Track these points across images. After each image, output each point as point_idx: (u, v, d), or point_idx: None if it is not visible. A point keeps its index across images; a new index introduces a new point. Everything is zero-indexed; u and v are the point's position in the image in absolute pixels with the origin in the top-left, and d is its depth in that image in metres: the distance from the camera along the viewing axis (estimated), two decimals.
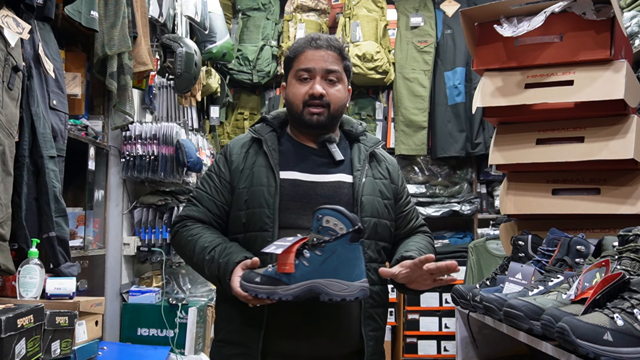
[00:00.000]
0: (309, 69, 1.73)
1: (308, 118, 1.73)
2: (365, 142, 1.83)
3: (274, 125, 1.82)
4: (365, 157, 1.78)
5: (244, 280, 1.51)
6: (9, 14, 2.00)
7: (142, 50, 3.17)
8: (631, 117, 2.07)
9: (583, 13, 2.07)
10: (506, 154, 2.23)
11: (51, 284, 2.23)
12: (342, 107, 1.78)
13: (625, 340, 1.25)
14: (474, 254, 4.01)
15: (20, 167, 2.17)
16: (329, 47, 1.75)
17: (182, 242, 1.74)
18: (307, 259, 1.44)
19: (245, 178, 1.72)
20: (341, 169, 1.76)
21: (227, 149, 1.83)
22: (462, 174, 4.92)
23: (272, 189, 1.68)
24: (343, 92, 1.77)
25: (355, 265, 1.46)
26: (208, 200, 1.76)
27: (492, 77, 2.22)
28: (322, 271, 1.44)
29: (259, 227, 1.66)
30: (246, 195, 1.70)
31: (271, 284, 1.46)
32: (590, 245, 1.79)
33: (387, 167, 1.84)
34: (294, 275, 1.44)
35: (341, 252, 1.43)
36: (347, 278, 1.44)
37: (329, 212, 1.44)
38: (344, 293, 1.44)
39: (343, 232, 1.43)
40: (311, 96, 1.71)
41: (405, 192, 1.89)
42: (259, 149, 1.76)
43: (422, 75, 4.85)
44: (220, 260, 1.61)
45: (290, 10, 4.93)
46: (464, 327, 2.36)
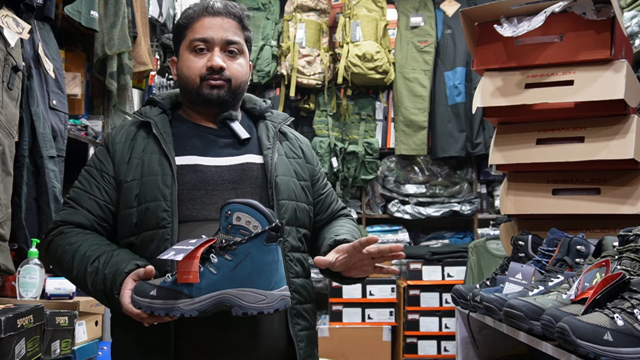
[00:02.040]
0: (205, 39, 1.51)
1: (207, 92, 1.50)
2: (272, 119, 1.62)
3: (163, 106, 1.57)
4: (275, 134, 1.58)
5: (137, 294, 1.25)
6: (9, 14, 2.00)
7: (142, 50, 3.17)
8: (631, 117, 2.07)
9: (583, 13, 2.07)
10: (506, 154, 2.23)
11: (51, 284, 2.23)
12: (245, 83, 1.57)
13: (625, 340, 1.25)
14: (474, 254, 4.01)
15: (20, 167, 2.17)
16: (227, 15, 1.54)
17: (58, 252, 1.43)
18: (214, 265, 1.20)
19: (134, 169, 1.46)
20: (248, 148, 1.54)
21: (108, 138, 1.55)
22: (462, 174, 4.92)
23: (167, 177, 1.43)
24: (245, 67, 1.57)
25: (273, 271, 1.22)
26: (88, 200, 1.47)
27: (492, 77, 2.22)
28: (234, 279, 1.20)
29: (154, 224, 1.41)
30: (136, 189, 1.44)
31: (171, 297, 1.21)
32: (591, 245, 1.79)
33: (299, 145, 1.65)
34: (199, 285, 1.19)
35: (256, 255, 1.20)
36: (264, 287, 1.21)
37: (240, 207, 1.20)
38: (261, 305, 1.20)
39: (258, 231, 1.19)
40: (209, 69, 1.50)
41: (322, 173, 1.70)
42: (147, 135, 1.51)
43: (422, 75, 4.85)
44: (106, 272, 1.34)
45: (290, 10, 4.93)
46: (464, 327, 2.36)
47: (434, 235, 4.89)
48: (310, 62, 4.78)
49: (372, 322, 4.47)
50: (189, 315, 1.20)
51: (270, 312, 1.21)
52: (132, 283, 1.30)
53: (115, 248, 1.42)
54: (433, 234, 4.91)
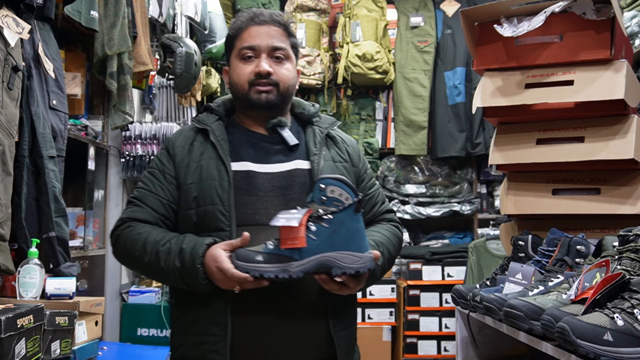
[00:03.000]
0: (253, 47, 1.59)
1: (256, 97, 1.58)
2: (319, 124, 1.68)
3: (219, 113, 1.65)
4: (322, 140, 1.63)
5: (241, 259, 1.36)
6: (9, 14, 2.00)
7: (142, 50, 3.17)
8: (631, 117, 2.07)
9: (583, 13, 2.07)
10: (506, 154, 2.23)
11: (51, 284, 2.23)
12: (292, 87, 1.64)
13: (625, 340, 1.25)
14: (474, 254, 4.01)
15: (20, 167, 2.17)
16: (273, 23, 1.62)
17: (127, 243, 1.52)
18: (313, 232, 1.35)
19: (193, 172, 1.55)
20: (297, 154, 1.61)
21: (168, 142, 1.65)
22: (462, 174, 4.92)
23: (224, 182, 1.51)
24: (292, 71, 1.63)
25: (362, 236, 1.39)
26: (152, 199, 1.56)
27: (492, 77, 2.22)
28: (332, 244, 1.35)
29: (213, 227, 1.49)
30: (195, 192, 1.53)
31: (277, 261, 1.35)
32: (591, 245, 1.79)
33: (346, 149, 1.70)
34: (303, 250, 1.34)
35: (349, 222, 1.36)
36: (357, 250, 1.37)
37: (334, 182, 1.35)
38: (357, 265, 1.37)
39: (350, 202, 1.35)
40: (257, 75, 1.57)
41: (368, 174, 1.74)
42: (204, 141, 1.59)
43: (422, 75, 4.85)
44: (184, 246, 1.44)
45: (290, 10, 4.93)
46: (464, 327, 2.36)
47: (434, 235, 4.89)
48: (310, 62, 4.78)
49: (372, 322, 4.47)
50: (296, 276, 1.35)
51: (364, 270, 1.38)
52: (225, 253, 1.39)
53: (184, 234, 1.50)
54: (433, 234, 4.91)
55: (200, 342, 1.49)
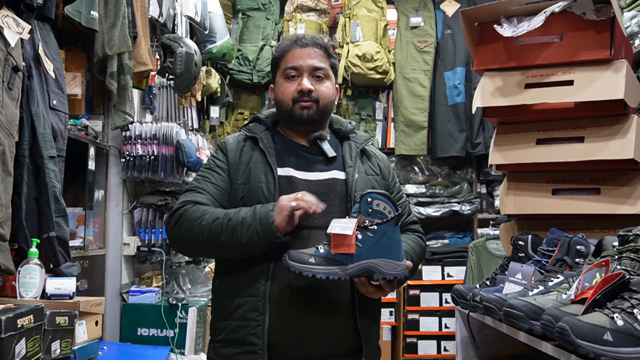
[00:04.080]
0: (296, 67, 1.75)
1: (299, 113, 1.74)
2: (355, 140, 1.85)
3: (267, 124, 1.82)
4: (357, 154, 1.80)
5: (293, 260, 1.51)
6: (9, 14, 2.00)
7: (142, 50, 3.17)
8: (631, 117, 2.07)
9: (583, 13, 2.07)
10: (506, 154, 2.23)
11: (51, 284, 2.23)
12: (331, 103, 1.79)
13: (625, 340, 1.25)
14: (474, 254, 4.01)
15: (20, 167, 2.17)
16: (314, 45, 1.77)
17: (189, 219, 1.65)
18: (360, 240, 1.49)
19: (242, 173, 1.71)
20: (334, 166, 1.77)
21: (222, 144, 1.82)
22: (462, 174, 4.92)
23: (271, 185, 1.67)
24: (331, 89, 1.79)
25: (401, 247, 1.53)
26: (211, 187, 1.72)
27: (492, 77, 2.22)
28: (375, 251, 1.49)
29: None
30: (243, 192, 1.69)
31: (327, 264, 1.50)
32: (590, 245, 1.79)
33: (377, 163, 1.86)
34: (352, 255, 1.49)
35: (390, 233, 1.50)
36: (397, 258, 1.51)
37: (379, 197, 1.49)
38: (396, 272, 1.51)
39: (392, 215, 1.49)
40: (300, 92, 1.73)
41: (396, 187, 1.90)
42: (254, 146, 1.76)
43: (422, 75, 4.85)
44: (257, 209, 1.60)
45: (290, 10, 4.93)
46: (464, 327, 2.36)
47: (434, 235, 4.89)
48: None
49: None
50: (344, 278, 1.50)
51: (401, 277, 1.53)
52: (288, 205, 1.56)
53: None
54: (433, 234, 4.91)
55: (241, 326, 1.62)
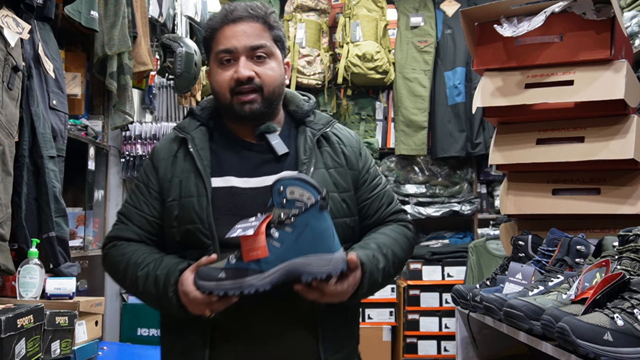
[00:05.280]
0: (229, 50, 1.43)
1: (239, 109, 1.43)
2: (312, 125, 1.52)
3: (202, 118, 1.51)
4: (313, 144, 1.48)
5: (202, 279, 1.26)
6: (9, 14, 2.00)
7: (142, 50, 3.17)
8: (631, 117, 2.06)
9: (583, 13, 2.07)
10: (506, 154, 2.23)
11: (51, 284, 2.23)
12: (280, 87, 1.48)
13: (625, 340, 1.25)
14: (474, 254, 4.01)
15: (20, 167, 2.17)
16: (250, 18, 1.45)
17: (112, 263, 1.46)
18: (276, 238, 1.24)
19: (174, 188, 1.44)
20: (286, 164, 1.47)
21: (153, 153, 1.53)
22: (462, 174, 4.92)
23: (203, 199, 1.40)
24: (278, 69, 1.47)
25: (331, 236, 1.27)
26: (138, 216, 1.47)
27: (492, 77, 2.22)
28: (298, 249, 1.24)
29: (197, 245, 1.40)
30: (176, 210, 1.42)
31: (240, 275, 1.24)
32: (591, 245, 1.79)
33: (342, 150, 1.52)
34: (267, 259, 1.23)
35: (314, 223, 1.24)
36: (327, 250, 1.26)
37: (293, 182, 1.24)
38: (329, 267, 1.25)
39: (312, 201, 1.24)
40: (237, 82, 1.42)
41: (371, 174, 1.56)
42: (187, 152, 1.46)
43: (422, 75, 4.84)
44: (158, 273, 1.36)
45: (290, 10, 4.93)
46: (464, 327, 2.36)
47: (434, 235, 4.89)
48: (310, 62, 4.78)
49: (372, 322, 4.47)
50: (262, 290, 1.24)
51: (337, 273, 1.27)
52: (191, 275, 1.30)
53: (165, 255, 1.43)
54: (433, 234, 4.91)
55: None
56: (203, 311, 1.29)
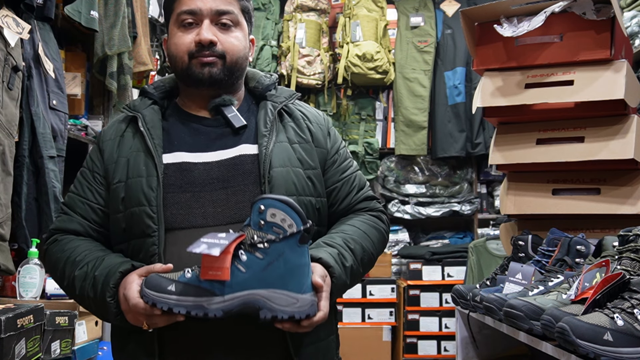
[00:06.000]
0: (193, 11, 1.33)
1: (198, 71, 1.33)
2: (274, 99, 1.40)
3: (154, 97, 1.40)
4: (274, 117, 1.36)
5: (149, 287, 1.11)
6: (9, 14, 2.00)
7: (142, 50, 3.17)
8: (631, 117, 2.06)
9: (583, 13, 2.07)
10: (506, 154, 2.23)
11: (51, 284, 2.23)
12: (243, 59, 1.37)
13: (625, 340, 1.25)
14: (474, 254, 4.02)
15: (20, 167, 2.17)
16: None
17: (52, 261, 1.32)
18: (243, 262, 1.10)
19: (121, 169, 1.32)
20: (244, 138, 1.35)
21: (99, 135, 1.42)
22: (462, 174, 4.92)
23: (152, 179, 1.27)
24: (242, 40, 1.37)
25: (305, 274, 1.14)
26: (81, 204, 1.34)
27: (492, 77, 2.22)
28: (264, 280, 1.10)
29: (140, 232, 1.26)
30: (122, 192, 1.29)
31: (193, 293, 1.10)
32: (591, 245, 1.79)
33: (307, 125, 1.41)
34: (228, 283, 1.09)
35: (289, 256, 1.11)
36: (295, 289, 1.12)
37: (275, 204, 1.10)
38: (293, 309, 1.11)
39: (293, 230, 1.10)
40: (198, 45, 1.32)
41: (341, 155, 1.44)
42: (136, 131, 1.35)
43: (422, 75, 4.85)
44: (96, 274, 1.21)
45: (290, 10, 4.93)
46: (464, 327, 2.36)
47: (434, 235, 4.89)
48: (310, 62, 4.78)
49: (372, 322, 4.47)
50: (212, 315, 1.09)
51: (301, 317, 1.13)
52: (137, 278, 1.17)
53: (107, 252, 1.29)
54: (433, 234, 4.91)
55: None
56: (141, 323, 1.16)
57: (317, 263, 1.22)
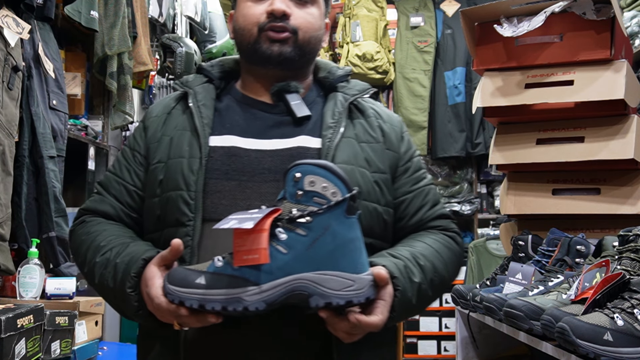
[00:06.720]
0: None
1: (266, 47, 1.18)
2: (346, 91, 1.26)
3: (211, 74, 1.27)
4: (344, 110, 1.22)
5: (174, 283, 0.94)
6: (9, 14, 2.00)
7: (142, 50, 3.17)
8: (631, 117, 2.06)
9: (583, 13, 2.07)
10: (506, 154, 2.22)
11: (51, 284, 2.23)
12: (316, 39, 1.23)
13: (625, 340, 1.25)
14: (474, 254, 4.01)
15: (20, 167, 2.17)
16: None
17: (76, 244, 1.20)
18: (283, 242, 0.92)
19: (162, 148, 1.19)
20: (306, 129, 1.20)
21: (146, 112, 1.30)
22: (462, 174, 4.92)
23: (195, 161, 1.13)
24: (318, 19, 1.23)
25: (358, 249, 0.95)
26: (116, 185, 1.21)
27: (492, 77, 2.22)
28: (310, 260, 0.92)
29: (174, 220, 1.12)
30: (161, 173, 1.16)
31: (227, 285, 0.92)
32: (591, 245, 1.78)
33: (380, 125, 1.25)
34: (267, 268, 0.91)
35: (337, 229, 0.93)
36: (349, 269, 0.93)
37: (314, 169, 0.93)
38: (349, 292, 0.93)
39: (338, 199, 0.92)
40: (270, 16, 1.18)
41: (415, 163, 1.27)
42: (185, 109, 1.22)
43: (422, 75, 4.85)
44: (118, 261, 1.07)
45: None
46: (464, 327, 2.36)
47: None
48: None
49: None
50: (254, 309, 0.91)
51: (361, 300, 0.94)
52: (159, 272, 1.01)
53: (136, 240, 1.15)
54: None
55: None
56: (171, 321, 0.99)
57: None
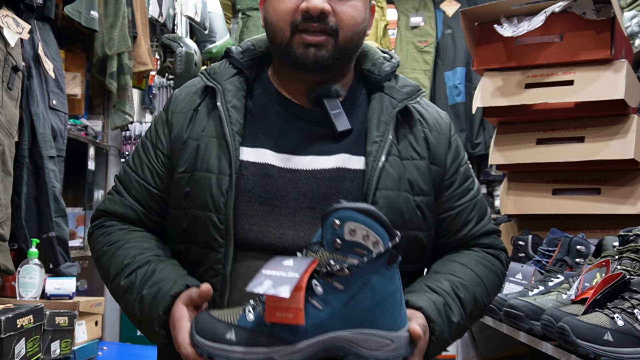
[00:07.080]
0: None
1: (300, 53, 1.04)
2: (393, 93, 1.11)
3: (240, 64, 1.13)
4: (391, 118, 1.07)
5: (202, 335, 0.88)
6: (9, 14, 2.00)
7: (142, 50, 3.17)
8: (631, 117, 2.06)
9: (583, 13, 2.07)
10: (506, 154, 2.22)
11: (51, 284, 2.23)
12: (358, 36, 1.08)
13: (625, 340, 1.25)
14: None
15: (20, 167, 2.17)
16: None
17: (97, 252, 1.12)
18: (319, 297, 0.86)
19: (188, 154, 1.07)
20: (346, 143, 1.07)
21: (169, 102, 1.17)
22: None
23: (224, 179, 1.02)
24: (361, 11, 1.07)
25: (397, 304, 0.89)
26: (137, 186, 1.11)
27: (492, 77, 2.22)
28: (347, 317, 0.86)
29: (203, 242, 1.03)
30: (187, 185, 1.06)
31: (259, 343, 0.86)
32: (591, 245, 1.78)
33: (424, 135, 1.11)
34: (302, 327, 0.85)
35: (378, 283, 0.86)
36: (387, 326, 0.87)
37: (356, 216, 0.85)
38: (387, 353, 0.87)
39: (380, 250, 0.85)
40: (305, 15, 1.03)
41: (460, 174, 1.15)
42: (213, 107, 1.09)
43: (422, 75, 4.85)
44: (144, 292, 0.99)
45: None
46: None
47: None
48: None
49: None
50: None
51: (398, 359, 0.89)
52: (187, 313, 0.94)
53: (161, 258, 1.06)
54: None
55: None
56: None
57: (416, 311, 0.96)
